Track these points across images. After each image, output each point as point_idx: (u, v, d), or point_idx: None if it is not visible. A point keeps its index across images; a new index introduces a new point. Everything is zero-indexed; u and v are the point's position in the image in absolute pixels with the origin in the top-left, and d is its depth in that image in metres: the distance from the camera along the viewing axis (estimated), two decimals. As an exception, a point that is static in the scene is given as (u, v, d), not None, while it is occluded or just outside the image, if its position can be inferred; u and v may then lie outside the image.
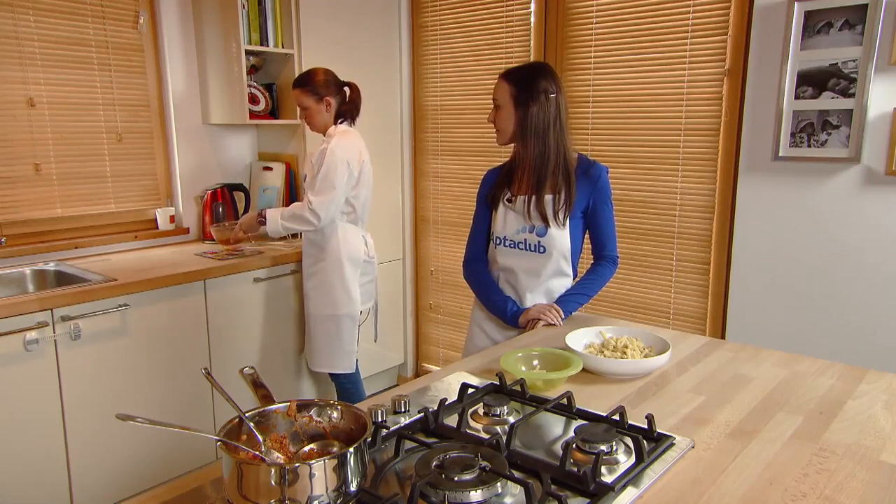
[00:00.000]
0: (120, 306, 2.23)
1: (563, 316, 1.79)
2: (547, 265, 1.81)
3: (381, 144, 3.39)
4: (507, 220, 1.84)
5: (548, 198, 1.77)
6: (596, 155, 2.85)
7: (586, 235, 1.89)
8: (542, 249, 1.79)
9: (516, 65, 1.85)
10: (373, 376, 3.52)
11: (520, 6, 3.00)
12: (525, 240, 1.81)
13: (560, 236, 1.78)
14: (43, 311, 2.05)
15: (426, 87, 3.43)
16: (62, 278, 2.47)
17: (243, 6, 2.77)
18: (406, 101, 3.48)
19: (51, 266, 2.52)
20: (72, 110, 2.66)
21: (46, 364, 2.09)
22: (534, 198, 1.78)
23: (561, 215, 1.77)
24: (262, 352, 2.75)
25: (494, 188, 1.88)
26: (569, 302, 1.82)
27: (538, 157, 1.77)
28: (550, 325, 1.76)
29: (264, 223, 2.54)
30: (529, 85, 1.75)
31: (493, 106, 1.82)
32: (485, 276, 1.91)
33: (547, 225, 1.78)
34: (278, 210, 2.54)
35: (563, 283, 1.86)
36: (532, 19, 2.96)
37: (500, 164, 1.96)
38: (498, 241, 1.86)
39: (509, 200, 1.84)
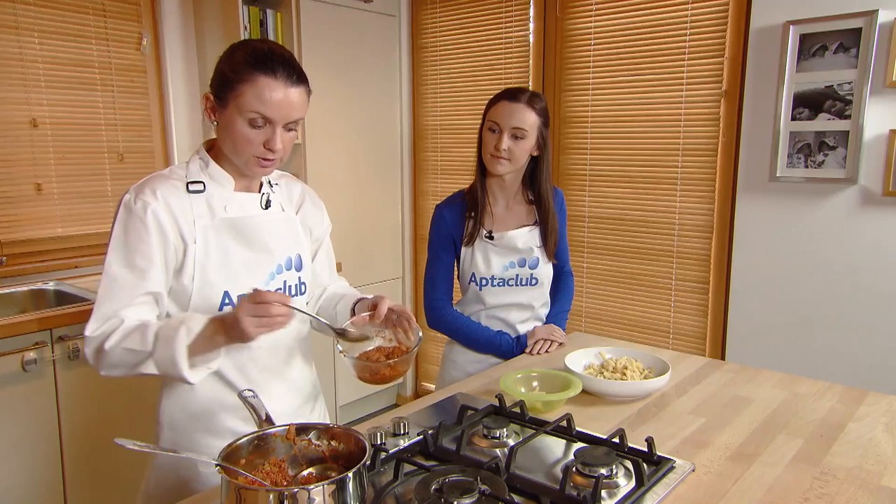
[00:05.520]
0: (119, 326, 2.23)
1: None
2: (540, 296, 1.80)
3: (381, 164, 3.42)
4: (490, 259, 1.73)
5: (540, 230, 1.76)
6: (594, 175, 2.87)
7: None
8: (534, 282, 1.77)
9: (523, 88, 1.72)
10: (372, 396, 3.50)
11: (518, 28, 3.03)
12: (517, 275, 1.75)
13: (546, 265, 1.78)
14: (41, 332, 2.05)
15: (426, 107, 3.46)
16: (62, 298, 2.46)
17: (245, 28, 2.80)
18: (406, 121, 3.50)
19: (50, 286, 2.51)
20: (74, 130, 2.68)
21: (44, 385, 2.08)
22: (536, 230, 1.76)
23: (553, 245, 1.76)
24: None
25: (460, 226, 1.76)
26: (560, 321, 1.83)
27: (543, 189, 1.75)
28: (561, 344, 1.76)
29: None
30: (549, 118, 1.72)
31: (506, 134, 1.65)
32: (465, 320, 1.78)
33: (548, 258, 1.76)
34: None
35: (547, 309, 1.85)
36: (531, 40, 3.00)
37: (445, 198, 1.83)
38: (483, 283, 1.74)
39: (489, 237, 1.74)
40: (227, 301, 1.20)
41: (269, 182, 1.32)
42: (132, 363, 1.12)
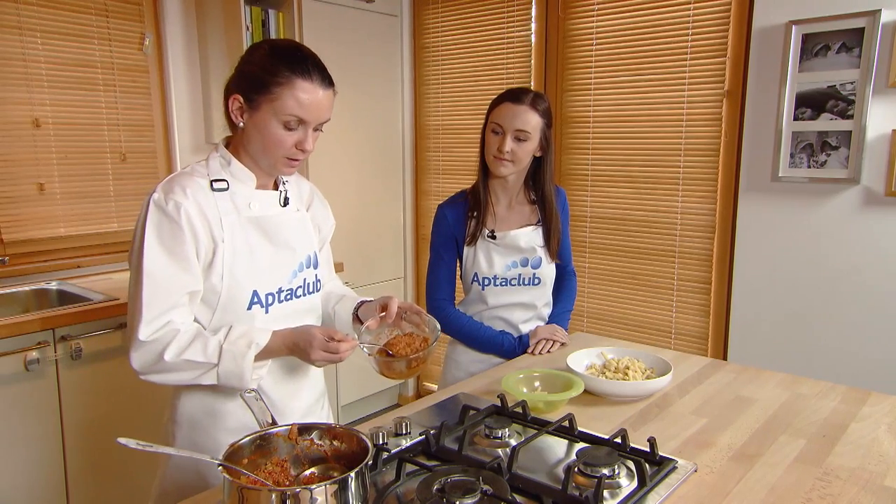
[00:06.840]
0: (121, 326, 2.23)
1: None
2: (542, 296, 1.80)
3: (383, 164, 3.42)
4: (492, 259, 1.73)
5: (543, 230, 1.76)
6: (596, 175, 2.87)
7: None
8: (536, 281, 1.76)
9: (526, 89, 1.70)
10: (373, 396, 3.50)
11: (520, 28, 3.03)
12: (519, 275, 1.74)
13: (549, 265, 1.77)
14: (44, 331, 2.05)
15: (428, 107, 3.46)
16: (64, 297, 2.47)
17: (247, 28, 2.80)
18: (408, 121, 3.51)
19: (53, 285, 2.52)
20: (76, 130, 2.68)
21: (47, 384, 2.08)
22: (539, 230, 1.75)
23: (555, 245, 1.76)
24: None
25: (462, 225, 1.75)
26: (562, 321, 1.83)
27: (546, 189, 1.74)
28: (563, 344, 1.76)
29: None
30: (552, 118, 1.70)
31: (510, 135, 1.64)
32: (467, 319, 1.77)
33: (551, 259, 1.75)
34: None
35: (549, 309, 1.85)
36: (533, 40, 3.00)
37: (448, 197, 1.82)
38: (486, 282, 1.74)
39: (491, 236, 1.73)
40: (255, 300, 1.20)
41: (283, 180, 1.32)
42: (192, 373, 1.14)
